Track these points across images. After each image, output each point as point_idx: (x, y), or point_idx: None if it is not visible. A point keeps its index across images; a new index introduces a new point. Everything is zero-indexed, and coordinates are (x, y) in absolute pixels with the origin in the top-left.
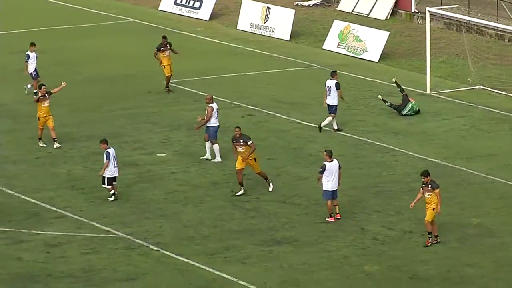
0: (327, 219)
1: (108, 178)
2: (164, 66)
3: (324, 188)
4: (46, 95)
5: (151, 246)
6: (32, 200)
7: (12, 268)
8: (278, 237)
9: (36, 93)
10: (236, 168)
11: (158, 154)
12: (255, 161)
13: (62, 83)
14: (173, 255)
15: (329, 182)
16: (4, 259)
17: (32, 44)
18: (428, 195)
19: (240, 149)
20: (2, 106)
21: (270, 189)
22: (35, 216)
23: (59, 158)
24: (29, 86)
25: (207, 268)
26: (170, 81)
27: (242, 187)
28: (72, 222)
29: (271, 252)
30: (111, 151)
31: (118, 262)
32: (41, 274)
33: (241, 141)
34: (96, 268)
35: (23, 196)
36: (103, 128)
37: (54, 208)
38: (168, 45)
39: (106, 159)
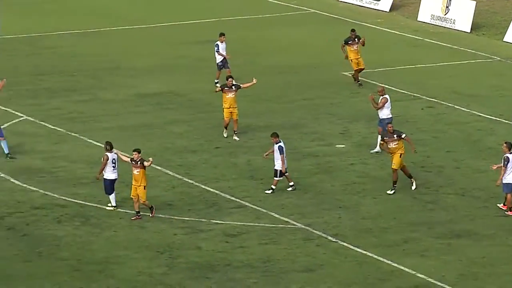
0: (506, 212)
1: (280, 171)
2: (351, 60)
3: (506, 182)
4: (233, 87)
5: (329, 238)
6: (212, 190)
7: (192, 256)
8: (457, 230)
9: (217, 83)
10: (393, 167)
11: (337, 146)
12: (400, 156)
13: (254, 80)
14: (351, 247)
15: (510, 174)
16: (184, 248)
17: (222, 34)
18: None
19: (392, 144)
20: (183, 96)
21: (413, 187)
22: (214, 205)
23: (239, 148)
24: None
25: (385, 260)
26: (359, 74)
27: (394, 187)
28: (251, 212)
29: (450, 245)
30: (282, 144)
31: (296, 252)
32: (220, 264)
33: (395, 135)
34: (275, 258)
35: (203, 186)
36: (282, 119)
37: (233, 198)
38: (356, 39)
39: (280, 154)
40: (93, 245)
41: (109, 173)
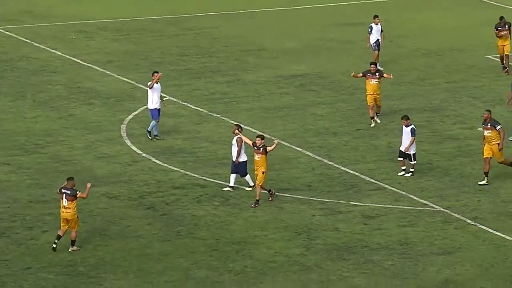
0: None
1: (413, 154)
2: (498, 46)
3: None
4: (376, 74)
5: (468, 221)
6: (351, 172)
7: (329, 238)
8: None
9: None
10: (484, 156)
11: (479, 129)
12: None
13: (390, 75)
14: (490, 230)
15: None
16: (322, 229)
17: (376, 16)
18: None
19: (486, 133)
20: (326, 78)
21: None
22: (353, 187)
23: (379, 130)
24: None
25: None
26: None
27: (486, 178)
28: (390, 194)
29: None
30: (414, 127)
31: (434, 235)
32: (357, 245)
33: (489, 124)
34: (413, 240)
35: (342, 168)
36: (424, 102)
37: (372, 180)
38: (506, 25)
39: (412, 136)
40: (232, 225)
41: (242, 156)
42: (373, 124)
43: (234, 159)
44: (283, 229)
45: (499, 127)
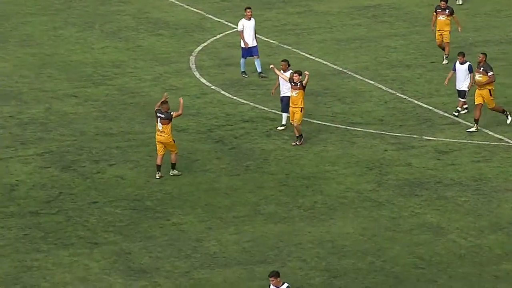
0: None
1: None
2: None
3: None
4: (446, 10)
5: None
6: (425, 106)
7: (401, 173)
8: None
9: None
10: (475, 103)
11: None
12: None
13: (459, 27)
14: None
15: None
16: (394, 164)
17: None
18: None
19: (477, 76)
20: (399, 9)
21: (508, 121)
22: (427, 121)
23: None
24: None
25: None
26: None
27: (476, 124)
28: (464, 129)
29: None
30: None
31: (510, 171)
32: (430, 181)
33: (482, 68)
34: (487, 176)
35: (415, 101)
36: (499, 33)
37: (446, 114)
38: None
39: (470, 72)
40: (302, 159)
41: (287, 91)
42: (445, 62)
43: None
44: (354, 164)
45: (491, 73)
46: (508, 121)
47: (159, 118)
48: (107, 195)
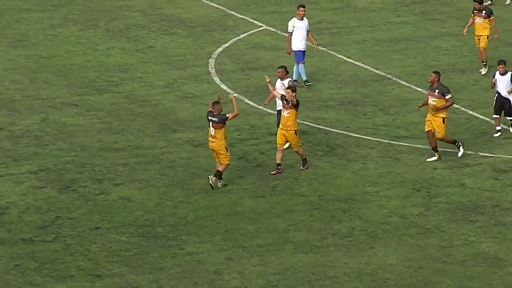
0: None
1: None
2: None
3: None
4: (482, 12)
5: None
6: (481, 117)
7: (453, 195)
8: None
9: None
10: (425, 130)
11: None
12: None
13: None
14: None
15: None
16: (445, 184)
17: None
18: None
19: (431, 100)
20: (452, 5)
21: (460, 153)
22: (483, 135)
23: None
24: None
25: None
26: None
27: (436, 153)
28: None
29: None
30: None
31: None
32: (487, 204)
33: (437, 91)
34: None
35: (470, 112)
36: None
37: (506, 127)
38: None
39: None
40: (338, 179)
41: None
42: (483, 71)
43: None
44: (398, 185)
45: (448, 95)
46: (460, 154)
47: (210, 122)
48: (111, 220)
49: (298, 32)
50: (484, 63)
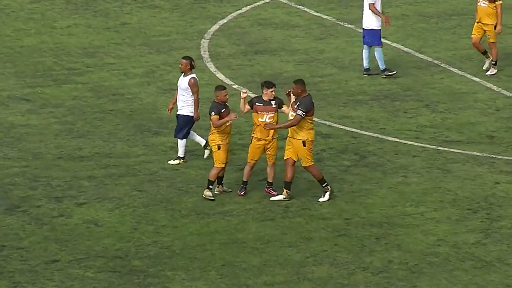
0: None
1: None
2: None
3: None
4: None
5: None
6: None
7: None
8: None
9: None
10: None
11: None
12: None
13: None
14: None
15: None
16: (510, 203)
17: None
18: None
19: (290, 115)
20: None
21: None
22: None
23: None
24: None
25: None
26: None
27: (287, 190)
28: None
29: None
30: None
31: None
32: None
33: (296, 104)
34: None
35: None
36: None
37: None
38: None
39: None
40: (370, 197)
41: None
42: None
43: None
44: (449, 204)
45: (300, 112)
46: (322, 199)
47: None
48: (73, 251)
49: (378, 4)
50: (493, 63)
